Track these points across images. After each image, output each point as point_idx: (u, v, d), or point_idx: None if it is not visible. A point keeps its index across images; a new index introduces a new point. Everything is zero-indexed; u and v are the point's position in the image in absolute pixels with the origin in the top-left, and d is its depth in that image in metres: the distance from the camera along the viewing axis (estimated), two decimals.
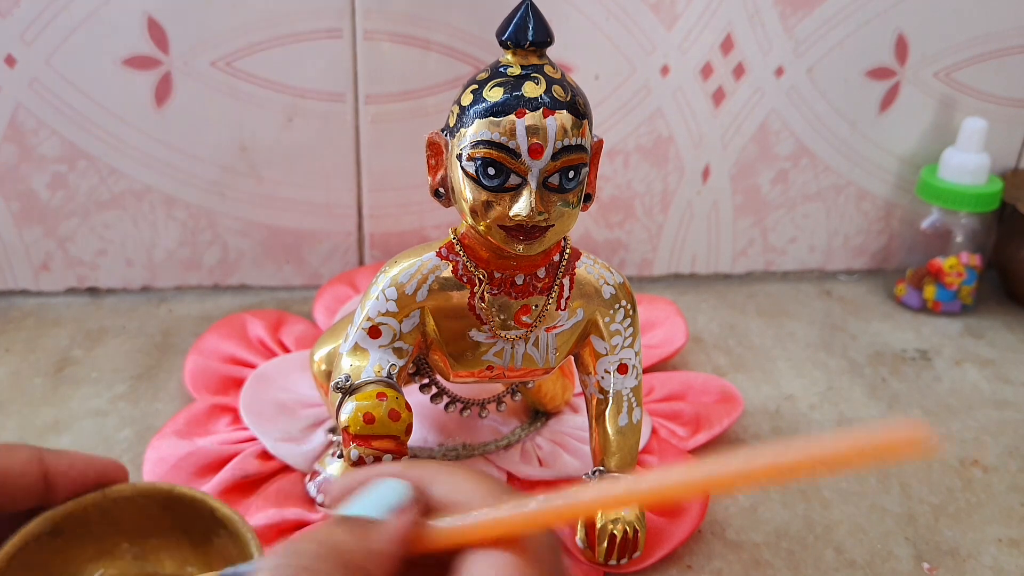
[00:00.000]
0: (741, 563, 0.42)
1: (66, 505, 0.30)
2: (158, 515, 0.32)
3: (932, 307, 0.65)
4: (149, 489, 0.32)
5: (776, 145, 0.65)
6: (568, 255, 0.40)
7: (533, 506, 0.22)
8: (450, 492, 0.23)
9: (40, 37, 0.54)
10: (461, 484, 0.24)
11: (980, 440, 0.51)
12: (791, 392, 0.55)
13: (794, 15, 0.60)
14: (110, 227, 0.60)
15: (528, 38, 0.35)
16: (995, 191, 0.62)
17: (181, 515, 0.32)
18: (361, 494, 0.23)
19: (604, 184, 0.64)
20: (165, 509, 0.32)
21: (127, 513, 0.32)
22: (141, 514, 0.32)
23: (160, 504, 0.32)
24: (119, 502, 0.32)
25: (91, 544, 0.32)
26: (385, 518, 0.22)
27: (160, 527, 0.33)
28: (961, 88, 0.65)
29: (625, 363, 0.42)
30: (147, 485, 0.32)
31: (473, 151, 0.35)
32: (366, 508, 0.22)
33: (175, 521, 0.33)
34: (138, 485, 0.32)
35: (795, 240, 0.69)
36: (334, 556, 0.21)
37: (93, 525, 0.31)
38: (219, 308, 0.61)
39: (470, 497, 0.23)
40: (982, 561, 0.43)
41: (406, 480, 0.23)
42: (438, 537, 0.23)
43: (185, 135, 0.58)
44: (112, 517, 0.32)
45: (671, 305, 0.61)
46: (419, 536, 0.22)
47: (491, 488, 0.23)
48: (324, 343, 0.45)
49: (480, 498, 0.23)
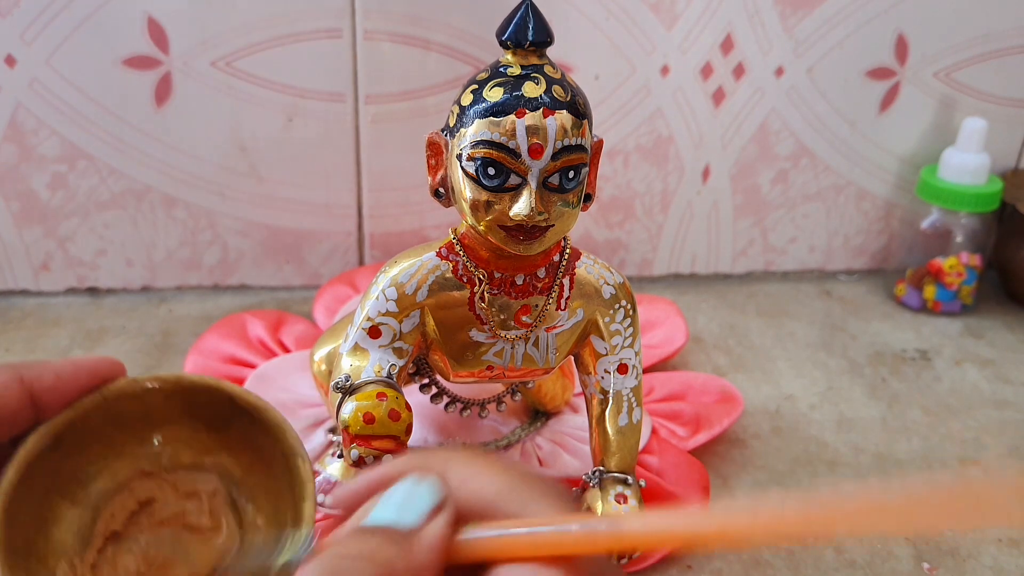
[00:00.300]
0: (741, 563, 0.42)
1: (63, 414, 0.28)
2: (165, 406, 0.30)
3: (932, 307, 0.65)
4: (154, 381, 0.30)
5: (776, 145, 0.65)
6: (568, 255, 0.40)
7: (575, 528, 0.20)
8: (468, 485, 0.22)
9: (40, 37, 0.54)
10: (488, 476, 0.22)
11: (980, 440, 0.51)
12: (791, 392, 0.55)
13: (794, 15, 0.60)
14: (110, 227, 0.60)
15: (528, 38, 0.35)
16: (995, 191, 0.62)
17: (193, 404, 0.30)
18: (387, 497, 0.21)
19: (604, 184, 0.64)
20: (172, 399, 0.30)
21: (132, 410, 0.29)
22: (147, 409, 0.30)
23: (166, 395, 0.30)
24: (121, 400, 0.29)
25: (97, 448, 0.29)
26: (420, 524, 0.21)
27: (169, 418, 0.30)
28: (961, 88, 0.65)
29: (625, 363, 0.42)
30: (152, 377, 0.30)
31: (473, 151, 0.35)
32: (398, 514, 0.21)
33: (186, 410, 0.30)
34: (140, 379, 0.29)
35: (795, 240, 0.69)
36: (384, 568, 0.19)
37: (95, 429, 0.29)
38: (219, 308, 0.61)
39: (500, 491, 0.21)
40: (982, 561, 0.43)
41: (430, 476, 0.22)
42: (473, 548, 0.21)
43: (185, 135, 0.58)
44: (116, 417, 0.29)
45: (671, 305, 0.61)
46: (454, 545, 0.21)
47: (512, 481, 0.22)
48: (324, 343, 0.45)
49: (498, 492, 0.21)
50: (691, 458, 0.46)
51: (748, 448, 0.50)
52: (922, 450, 0.50)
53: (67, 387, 0.28)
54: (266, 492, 0.31)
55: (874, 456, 0.50)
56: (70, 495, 0.29)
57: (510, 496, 0.21)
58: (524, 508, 0.21)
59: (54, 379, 0.28)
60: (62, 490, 0.29)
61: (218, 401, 0.30)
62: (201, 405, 0.30)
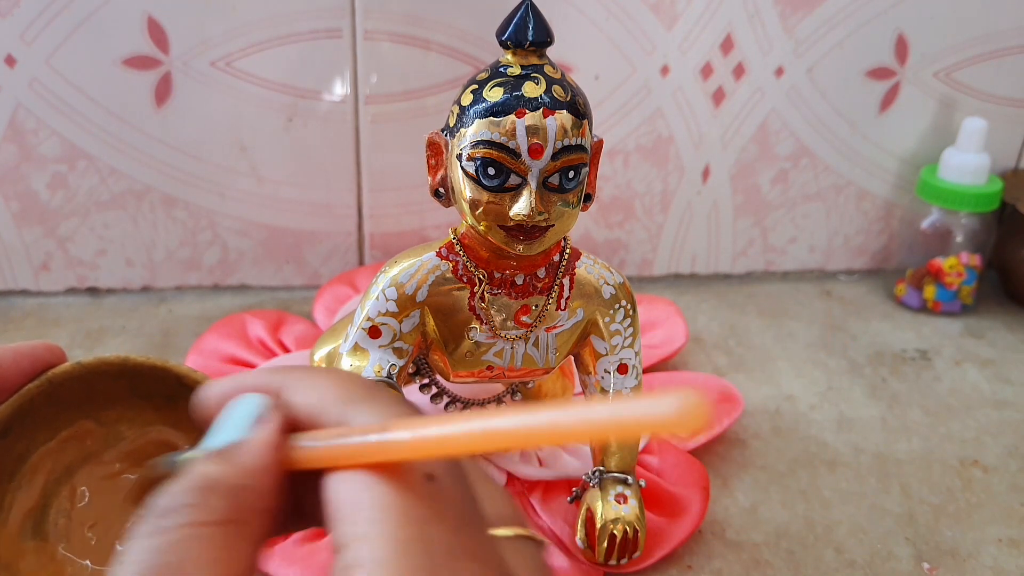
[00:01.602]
0: (741, 563, 0.42)
1: (9, 402, 0.28)
2: (112, 388, 0.30)
3: (932, 307, 0.65)
4: (98, 364, 0.30)
5: (776, 145, 0.65)
6: (568, 255, 0.40)
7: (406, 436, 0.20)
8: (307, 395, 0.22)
9: (40, 37, 0.54)
10: (318, 385, 0.22)
11: (980, 440, 0.52)
12: (791, 392, 0.55)
13: (794, 15, 0.60)
14: (110, 227, 0.60)
15: (528, 38, 0.35)
16: (995, 191, 0.62)
17: (139, 384, 0.30)
18: (219, 420, 0.22)
19: (604, 184, 0.64)
20: (118, 380, 0.30)
21: (76, 393, 0.30)
22: (92, 391, 0.30)
23: (112, 376, 0.30)
24: (66, 384, 0.30)
25: (42, 432, 0.30)
26: (247, 435, 0.21)
27: (116, 398, 0.31)
28: (961, 88, 0.65)
29: (625, 363, 0.42)
30: (95, 360, 0.30)
31: (473, 151, 0.35)
32: (226, 434, 0.22)
33: (132, 390, 0.31)
34: (85, 362, 0.30)
35: (795, 240, 0.69)
36: (209, 488, 0.20)
37: (41, 414, 0.30)
38: (219, 308, 0.61)
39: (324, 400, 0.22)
40: (982, 561, 0.43)
41: (262, 391, 0.22)
42: (306, 457, 0.21)
43: (185, 135, 0.58)
44: (60, 401, 0.30)
45: (671, 305, 0.61)
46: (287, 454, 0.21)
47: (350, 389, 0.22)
48: (324, 343, 0.45)
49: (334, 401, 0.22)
50: (691, 458, 0.46)
51: (748, 448, 0.50)
52: (922, 450, 0.50)
53: (10, 374, 0.29)
54: None
55: (874, 456, 0.50)
56: (19, 481, 0.30)
57: (342, 405, 0.22)
58: (355, 416, 0.21)
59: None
60: (11, 476, 0.30)
61: (165, 381, 0.30)
62: (148, 385, 0.31)
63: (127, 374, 0.30)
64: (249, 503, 0.21)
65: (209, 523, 0.20)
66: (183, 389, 0.30)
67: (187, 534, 0.19)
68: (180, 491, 0.20)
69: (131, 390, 0.31)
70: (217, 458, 0.21)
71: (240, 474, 0.21)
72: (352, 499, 0.20)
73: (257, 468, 0.21)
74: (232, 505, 0.20)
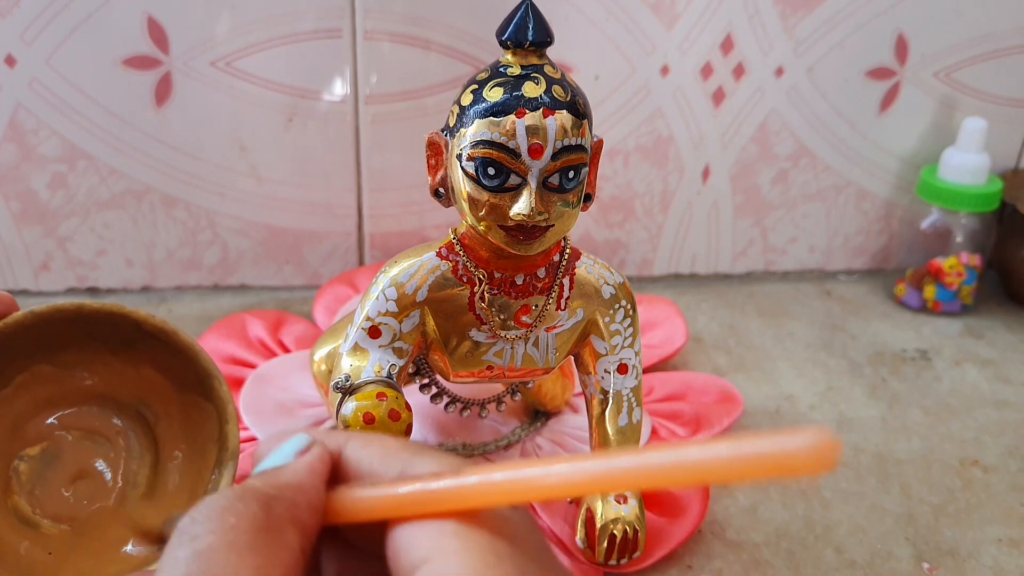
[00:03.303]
0: (741, 563, 0.42)
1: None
2: (66, 332, 0.30)
3: (932, 307, 0.65)
4: (52, 311, 0.29)
5: (776, 145, 0.65)
6: (568, 255, 0.40)
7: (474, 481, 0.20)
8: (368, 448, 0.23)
9: (40, 37, 0.54)
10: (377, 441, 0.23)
11: (980, 440, 0.51)
12: (791, 392, 0.55)
13: (794, 15, 0.60)
14: (110, 227, 0.60)
15: (528, 38, 0.35)
16: (995, 191, 0.62)
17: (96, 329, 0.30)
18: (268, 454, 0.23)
19: (604, 184, 0.64)
20: (73, 325, 0.30)
21: (29, 340, 0.30)
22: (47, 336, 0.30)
23: (67, 321, 0.30)
24: (20, 331, 0.29)
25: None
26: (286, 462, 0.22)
27: (71, 342, 0.30)
28: (961, 88, 0.65)
29: (625, 363, 0.42)
30: (49, 307, 0.30)
31: (473, 151, 0.35)
32: (269, 462, 0.22)
33: (88, 334, 0.30)
34: (37, 310, 0.29)
35: (795, 240, 0.69)
36: (248, 495, 0.20)
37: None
38: (219, 308, 0.61)
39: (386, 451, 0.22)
40: (982, 561, 0.43)
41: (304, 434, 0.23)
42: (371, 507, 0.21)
43: (185, 135, 0.58)
44: (13, 346, 0.29)
45: (671, 305, 0.61)
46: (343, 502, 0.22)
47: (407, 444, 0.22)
48: (324, 343, 0.45)
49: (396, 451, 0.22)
50: None
51: None
52: (922, 450, 0.50)
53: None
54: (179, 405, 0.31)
55: (874, 456, 0.50)
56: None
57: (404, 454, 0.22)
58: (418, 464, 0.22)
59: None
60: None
61: (123, 326, 0.30)
62: (105, 330, 0.30)
63: (82, 319, 0.30)
64: (285, 513, 0.21)
65: (244, 528, 0.19)
66: (141, 334, 0.30)
67: (223, 540, 0.19)
68: (216, 498, 0.20)
69: (87, 334, 0.30)
70: (263, 477, 0.22)
71: (276, 485, 0.21)
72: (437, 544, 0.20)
73: (293, 483, 0.21)
74: (267, 512, 0.20)
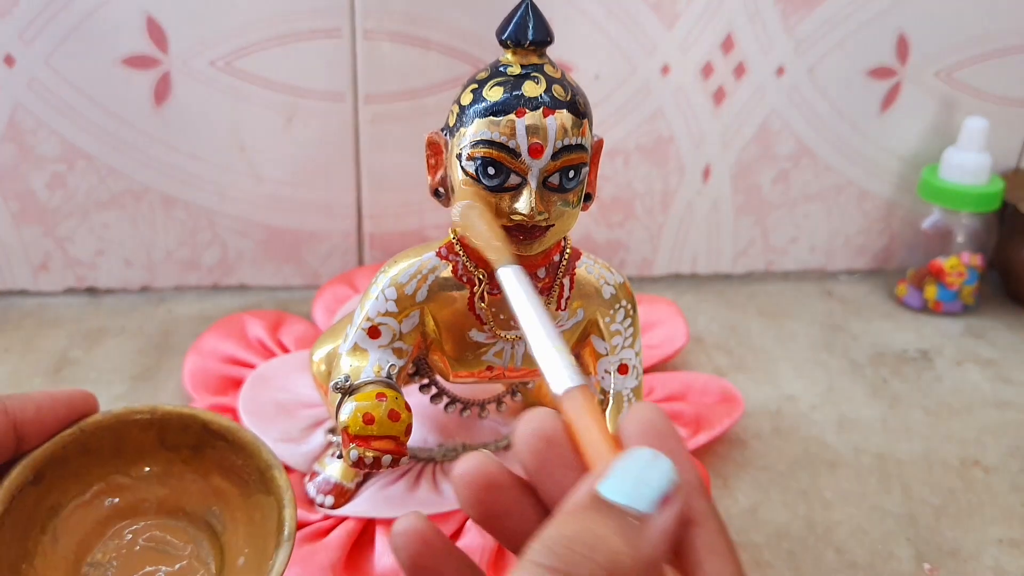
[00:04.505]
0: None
1: (43, 448, 0.29)
2: (140, 438, 0.31)
3: (933, 307, 0.65)
4: (128, 413, 0.30)
5: (777, 145, 0.65)
6: (568, 255, 0.40)
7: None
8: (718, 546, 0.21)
9: (39, 37, 0.54)
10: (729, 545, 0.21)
11: (981, 440, 0.51)
12: (792, 392, 0.55)
13: (795, 14, 0.60)
14: (109, 227, 0.60)
15: (528, 37, 0.35)
16: (996, 191, 0.62)
17: (167, 435, 0.31)
18: (623, 467, 0.20)
19: (604, 184, 0.63)
20: (147, 430, 0.31)
21: (107, 443, 0.30)
22: (122, 442, 0.31)
23: (141, 427, 0.31)
24: (97, 433, 0.30)
25: (73, 481, 0.30)
26: (653, 512, 0.20)
27: (144, 450, 0.31)
28: (962, 88, 0.65)
29: (625, 363, 0.41)
30: (125, 409, 0.31)
31: (473, 151, 0.35)
32: (633, 492, 0.20)
33: (160, 440, 0.31)
34: (116, 411, 0.30)
35: (796, 240, 0.69)
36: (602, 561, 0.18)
37: (72, 464, 0.30)
38: (218, 308, 0.61)
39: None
40: (983, 562, 0.42)
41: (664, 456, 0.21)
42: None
43: (184, 135, 0.58)
44: (92, 450, 0.30)
45: (671, 305, 0.61)
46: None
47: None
48: (323, 343, 0.45)
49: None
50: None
51: (748, 448, 0.50)
52: (923, 450, 0.50)
53: (47, 419, 0.29)
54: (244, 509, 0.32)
55: (875, 456, 0.50)
56: (51, 529, 0.30)
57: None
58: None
59: (35, 411, 0.28)
60: (43, 524, 0.30)
61: (192, 428, 0.31)
62: (176, 436, 0.31)
63: (156, 424, 0.31)
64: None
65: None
66: (208, 436, 0.31)
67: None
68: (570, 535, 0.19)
69: (160, 442, 0.31)
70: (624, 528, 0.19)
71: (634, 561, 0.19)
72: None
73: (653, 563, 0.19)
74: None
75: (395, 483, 0.43)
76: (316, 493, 0.42)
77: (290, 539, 0.29)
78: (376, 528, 0.41)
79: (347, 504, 0.42)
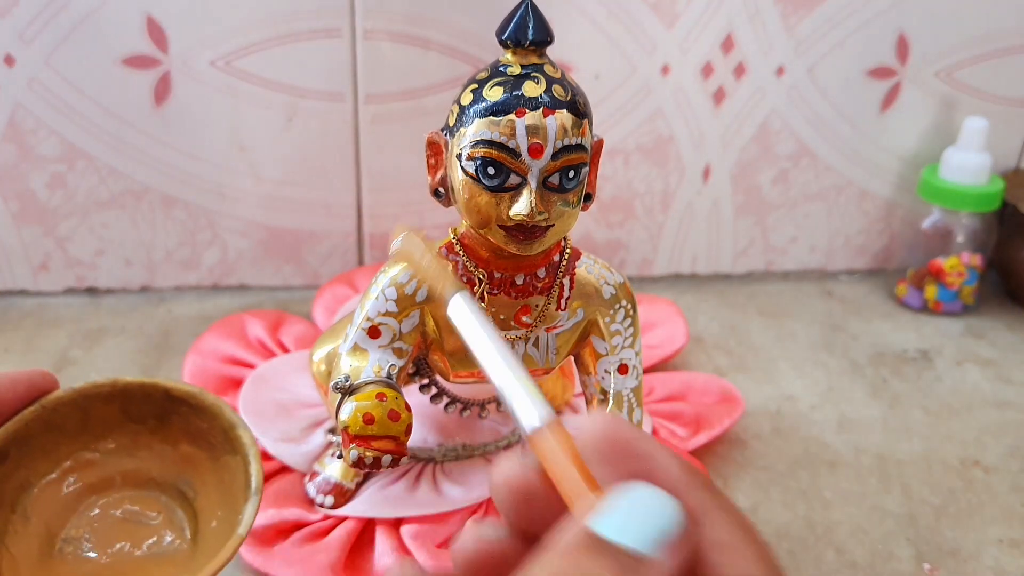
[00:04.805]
0: None
1: (5, 427, 0.29)
2: (105, 412, 0.31)
3: (933, 307, 0.65)
4: (89, 387, 0.31)
5: (777, 145, 0.65)
6: (568, 255, 0.40)
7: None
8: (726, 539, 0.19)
9: (39, 37, 0.54)
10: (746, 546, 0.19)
11: (981, 440, 0.51)
12: (792, 392, 0.55)
13: (795, 14, 0.60)
14: (109, 227, 0.60)
15: (528, 37, 0.35)
16: (996, 191, 0.62)
17: (131, 407, 0.31)
18: (620, 503, 0.19)
19: (604, 184, 0.63)
20: (109, 403, 0.31)
21: (70, 419, 0.31)
22: (87, 417, 0.31)
23: (103, 399, 0.31)
24: (59, 409, 0.30)
25: (40, 459, 0.31)
26: (655, 555, 0.18)
27: (109, 423, 0.32)
28: (962, 88, 0.65)
29: (625, 363, 0.41)
30: (86, 384, 0.31)
31: (473, 151, 0.35)
32: (633, 531, 0.18)
33: (124, 411, 0.32)
34: (76, 387, 0.31)
35: (796, 240, 0.69)
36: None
37: (36, 439, 0.30)
38: (218, 308, 0.61)
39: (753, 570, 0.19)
40: (983, 562, 0.42)
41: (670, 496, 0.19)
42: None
43: (184, 135, 0.58)
44: (56, 426, 0.31)
45: (671, 305, 0.61)
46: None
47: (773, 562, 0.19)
48: (323, 343, 0.45)
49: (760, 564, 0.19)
50: (691, 458, 0.46)
51: (748, 448, 0.50)
52: (923, 450, 0.50)
53: (7, 398, 0.29)
54: (214, 471, 0.32)
55: (875, 456, 0.49)
56: (20, 508, 0.30)
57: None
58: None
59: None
60: (12, 503, 0.30)
61: (154, 396, 0.31)
62: (138, 404, 0.32)
63: (118, 396, 0.31)
64: None
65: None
66: (171, 403, 0.31)
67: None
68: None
69: (124, 414, 0.32)
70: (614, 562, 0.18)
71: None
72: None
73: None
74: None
75: (395, 483, 0.43)
76: (316, 493, 0.42)
77: (257, 492, 0.30)
78: (376, 528, 0.41)
79: (347, 504, 0.42)
